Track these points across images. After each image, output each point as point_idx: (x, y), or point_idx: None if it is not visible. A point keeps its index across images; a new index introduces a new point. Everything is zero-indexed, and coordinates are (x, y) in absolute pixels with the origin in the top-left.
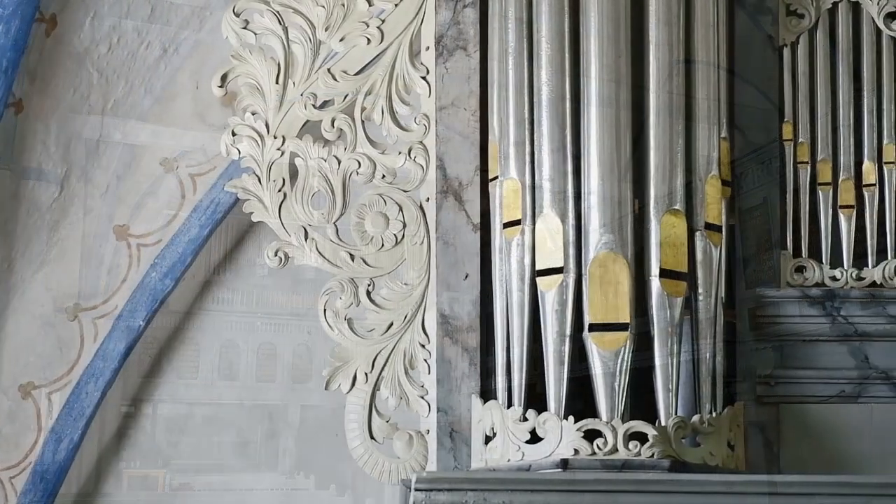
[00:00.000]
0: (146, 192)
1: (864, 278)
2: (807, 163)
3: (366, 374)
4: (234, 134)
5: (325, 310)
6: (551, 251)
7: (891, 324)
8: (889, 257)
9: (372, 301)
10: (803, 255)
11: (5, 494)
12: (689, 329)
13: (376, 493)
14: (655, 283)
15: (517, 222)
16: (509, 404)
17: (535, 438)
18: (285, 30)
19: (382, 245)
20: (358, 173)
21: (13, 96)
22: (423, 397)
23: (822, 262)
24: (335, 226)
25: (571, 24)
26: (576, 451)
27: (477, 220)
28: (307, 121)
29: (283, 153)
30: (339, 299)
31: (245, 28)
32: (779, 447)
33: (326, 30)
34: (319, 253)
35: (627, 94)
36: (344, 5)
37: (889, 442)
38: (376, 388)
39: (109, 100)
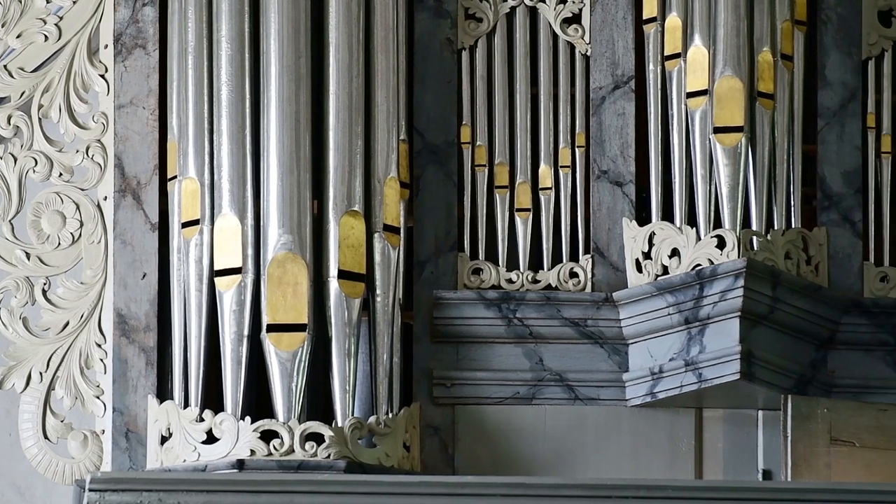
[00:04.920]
0: None
1: (539, 281)
2: (484, 166)
3: (41, 373)
4: None
5: None
6: (230, 251)
7: (565, 326)
8: (564, 260)
9: (48, 300)
10: (480, 258)
11: None
12: (366, 330)
13: (50, 494)
14: (334, 284)
15: (196, 222)
16: (186, 405)
17: (212, 439)
18: None
19: (59, 244)
20: (35, 171)
21: None
22: (98, 397)
23: (498, 265)
24: (11, 224)
25: (252, 25)
26: (252, 452)
27: (155, 219)
28: None
29: None
30: (14, 298)
31: None
32: (454, 448)
33: (3, 26)
34: None
35: (307, 96)
36: (21, 2)
37: (562, 443)
38: (51, 387)
39: None
